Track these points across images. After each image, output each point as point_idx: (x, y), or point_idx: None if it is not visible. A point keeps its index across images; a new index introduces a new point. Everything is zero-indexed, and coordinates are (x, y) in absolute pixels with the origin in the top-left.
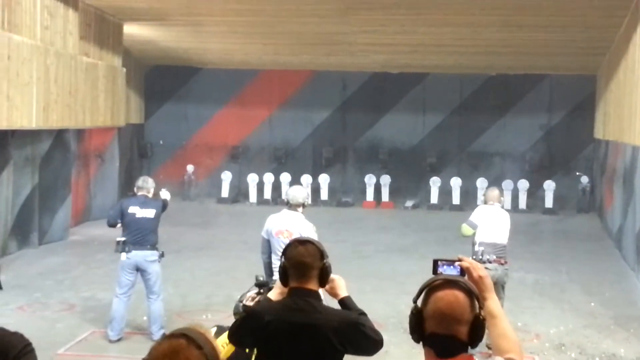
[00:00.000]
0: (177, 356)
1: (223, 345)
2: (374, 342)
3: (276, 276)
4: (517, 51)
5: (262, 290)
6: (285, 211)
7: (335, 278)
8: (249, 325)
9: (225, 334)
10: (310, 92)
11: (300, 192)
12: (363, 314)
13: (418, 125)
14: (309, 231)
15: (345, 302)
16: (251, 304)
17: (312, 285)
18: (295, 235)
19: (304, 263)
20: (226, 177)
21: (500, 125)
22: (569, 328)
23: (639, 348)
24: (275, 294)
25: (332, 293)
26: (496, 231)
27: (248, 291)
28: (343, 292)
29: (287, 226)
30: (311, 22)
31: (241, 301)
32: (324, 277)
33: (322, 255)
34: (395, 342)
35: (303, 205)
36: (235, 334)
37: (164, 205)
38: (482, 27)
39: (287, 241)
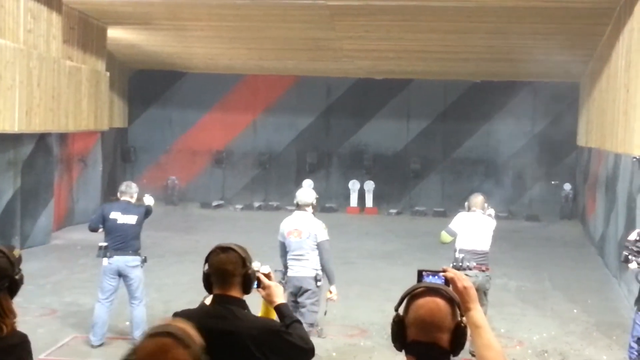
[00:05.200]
0: (165, 356)
1: None
2: (302, 351)
3: (292, 273)
4: (502, 58)
5: None
6: (295, 212)
7: (272, 285)
8: None
9: None
10: (295, 97)
11: (309, 194)
12: (297, 321)
13: (402, 131)
14: (318, 228)
15: (280, 309)
16: None
17: (235, 292)
18: (305, 234)
19: (225, 270)
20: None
21: (484, 131)
22: (551, 335)
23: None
24: (210, 299)
25: (268, 300)
26: (477, 238)
27: None
28: (279, 299)
29: (297, 225)
30: (296, 28)
31: None
32: (247, 284)
33: (244, 262)
34: (378, 349)
35: (312, 205)
36: None
37: (147, 211)
38: (467, 34)
39: (298, 240)
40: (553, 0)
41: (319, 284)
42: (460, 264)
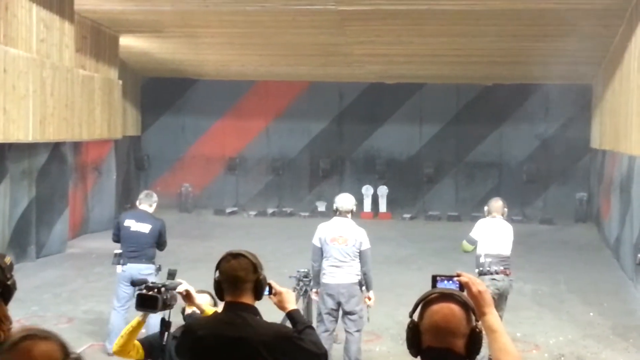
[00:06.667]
0: (32, 354)
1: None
2: (314, 356)
3: (332, 280)
4: (513, 61)
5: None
6: (336, 219)
7: (283, 291)
8: (185, 341)
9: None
10: (307, 103)
11: (349, 200)
12: (309, 327)
13: (415, 136)
14: (363, 236)
15: (292, 315)
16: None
17: (247, 299)
18: (351, 241)
19: (236, 277)
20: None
21: (497, 135)
22: (568, 338)
23: (638, 358)
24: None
25: (280, 306)
26: (499, 243)
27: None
28: (291, 305)
29: (341, 232)
30: (307, 33)
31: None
32: (258, 291)
33: (255, 268)
34: (394, 354)
35: (352, 211)
36: (178, 350)
37: (161, 233)
38: (477, 37)
39: (343, 246)
40: (564, 2)
41: (363, 289)
42: (488, 268)
